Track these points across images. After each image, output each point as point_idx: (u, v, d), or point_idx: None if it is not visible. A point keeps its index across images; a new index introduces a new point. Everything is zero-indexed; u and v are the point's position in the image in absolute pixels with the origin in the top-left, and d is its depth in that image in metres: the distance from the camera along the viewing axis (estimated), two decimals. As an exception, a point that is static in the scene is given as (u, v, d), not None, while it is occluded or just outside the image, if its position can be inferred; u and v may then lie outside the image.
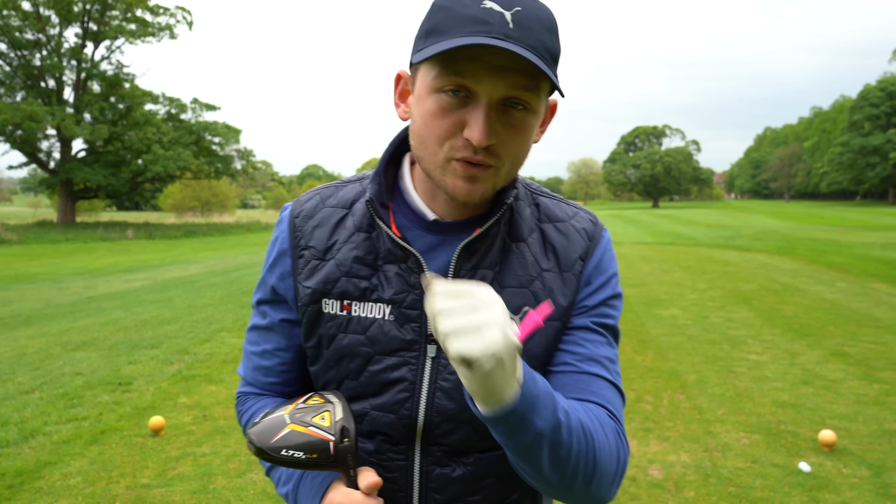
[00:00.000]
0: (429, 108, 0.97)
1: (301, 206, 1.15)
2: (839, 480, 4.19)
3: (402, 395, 1.06)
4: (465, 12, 0.92)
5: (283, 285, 1.14)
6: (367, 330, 1.07)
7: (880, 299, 11.40)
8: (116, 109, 41.39)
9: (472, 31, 0.90)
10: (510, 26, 0.91)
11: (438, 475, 1.09)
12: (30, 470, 4.37)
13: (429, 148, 0.99)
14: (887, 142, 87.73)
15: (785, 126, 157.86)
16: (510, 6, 0.92)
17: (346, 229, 1.10)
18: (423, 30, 0.97)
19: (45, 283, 15.10)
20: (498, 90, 0.93)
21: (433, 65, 0.94)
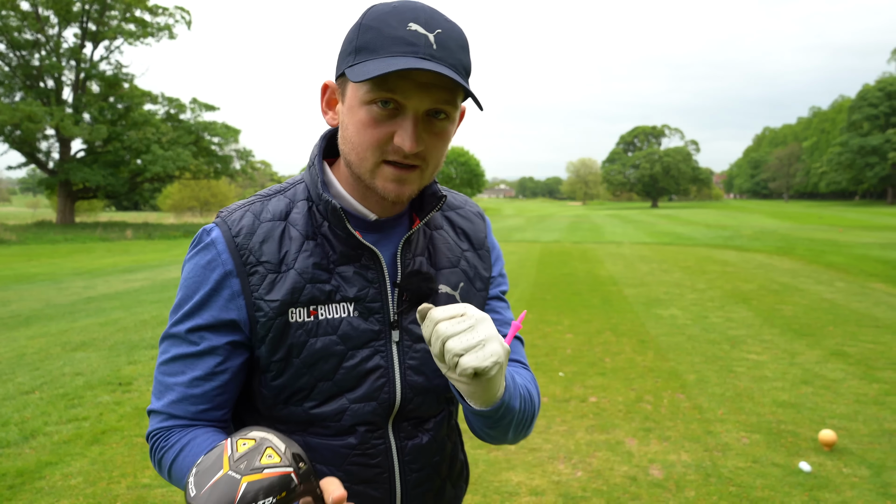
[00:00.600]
0: (362, 119, 1.06)
1: (237, 225, 1.14)
2: (839, 480, 4.20)
3: (379, 381, 1.16)
4: (393, 33, 1.02)
5: (232, 306, 1.13)
6: (337, 329, 1.14)
7: (879, 299, 11.41)
8: (115, 109, 41.35)
9: (402, 52, 1.01)
10: (434, 47, 1.03)
11: (412, 447, 1.21)
12: (31, 470, 4.37)
13: (361, 154, 1.08)
14: (886, 142, 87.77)
15: (784, 126, 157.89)
16: (432, 28, 1.04)
17: (293, 240, 1.14)
18: (353, 46, 1.06)
19: (45, 284, 15.09)
20: (424, 104, 1.05)
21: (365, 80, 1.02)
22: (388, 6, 1.07)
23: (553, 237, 30.33)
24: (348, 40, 1.08)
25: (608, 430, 5.14)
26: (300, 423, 1.17)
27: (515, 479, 4.23)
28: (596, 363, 7.12)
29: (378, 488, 1.19)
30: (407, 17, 1.04)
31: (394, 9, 1.05)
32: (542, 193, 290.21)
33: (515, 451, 4.70)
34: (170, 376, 1.16)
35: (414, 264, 1.20)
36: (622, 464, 4.49)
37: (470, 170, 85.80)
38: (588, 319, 9.61)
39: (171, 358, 1.16)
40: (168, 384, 1.16)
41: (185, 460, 1.10)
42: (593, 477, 4.27)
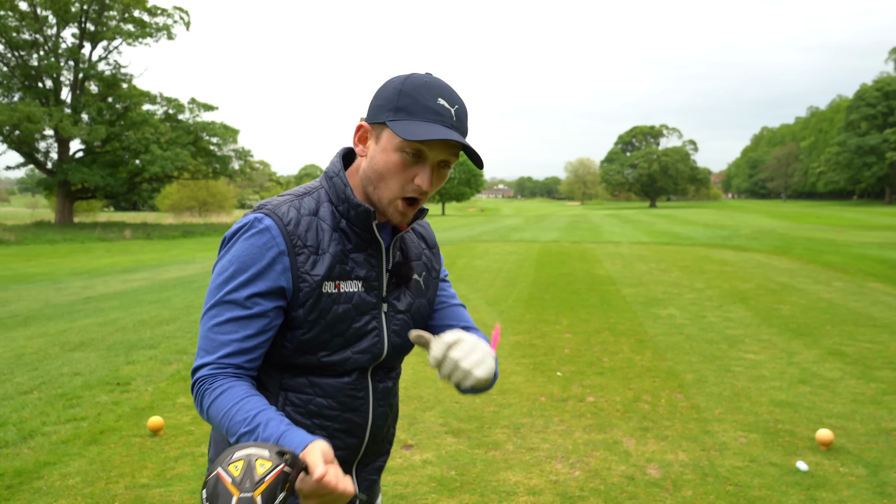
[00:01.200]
0: (395, 161, 1.43)
1: (287, 217, 1.48)
2: (836, 479, 4.21)
3: (375, 339, 1.57)
4: (427, 104, 1.41)
5: (282, 278, 1.45)
6: (351, 300, 1.52)
7: (877, 299, 11.43)
8: (114, 110, 41.34)
9: (433, 120, 1.41)
10: (454, 119, 1.44)
11: (381, 388, 1.64)
12: (29, 470, 4.37)
13: (388, 186, 1.46)
14: (884, 141, 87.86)
15: (782, 126, 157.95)
16: (453, 104, 1.44)
17: (325, 231, 1.50)
18: (394, 105, 1.42)
19: (43, 284, 15.09)
20: (440, 157, 1.45)
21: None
22: (421, 80, 1.44)
23: (551, 237, 30.35)
24: (388, 98, 1.44)
25: (606, 429, 5.15)
26: (309, 368, 1.52)
27: (513, 479, 4.24)
28: (594, 363, 7.13)
29: (360, 415, 1.59)
30: (436, 93, 1.43)
31: (426, 84, 1.43)
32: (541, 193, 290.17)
33: (513, 451, 4.71)
34: (224, 334, 1.44)
35: (396, 257, 1.61)
36: (620, 463, 4.49)
37: (468, 169, 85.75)
38: (586, 319, 9.62)
39: (226, 320, 1.44)
40: (222, 341, 1.44)
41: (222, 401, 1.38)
42: (591, 476, 4.28)
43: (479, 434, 5.04)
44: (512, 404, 5.74)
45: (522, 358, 7.34)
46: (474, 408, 5.64)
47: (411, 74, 1.46)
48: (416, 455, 4.63)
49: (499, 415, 5.47)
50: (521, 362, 7.15)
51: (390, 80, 1.47)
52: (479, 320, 9.49)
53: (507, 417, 5.41)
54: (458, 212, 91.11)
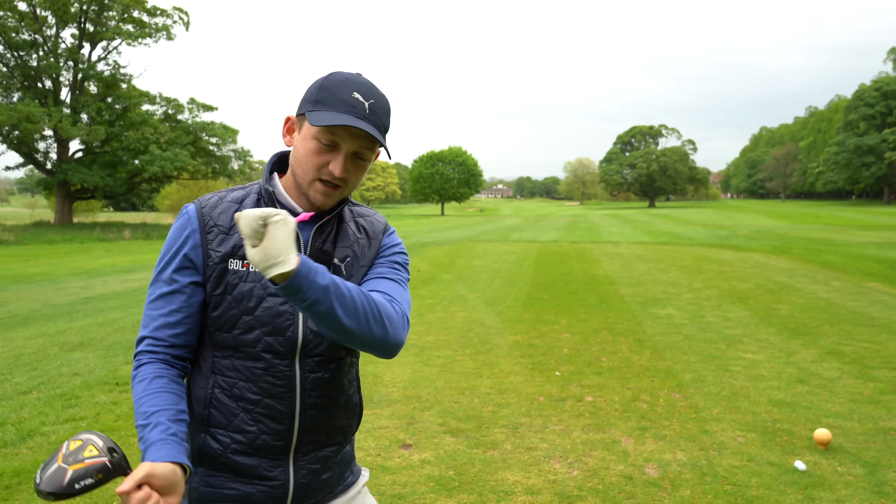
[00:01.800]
0: (311, 147, 1.56)
1: (206, 202, 1.64)
2: (834, 479, 4.22)
3: (287, 321, 1.60)
4: (342, 97, 1.53)
5: (193, 254, 1.59)
6: (260, 279, 1.58)
7: (875, 298, 11.44)
8: (113, 110, 41.30)
9: (346, 111, 1.52)
10: (367, 112, 1.54)
11: (313, 378, 1.64)
12: (27, 470, 4.37)
13: (305, 170, 1.58)
14: (882, 141, 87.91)
15: (781, 126, 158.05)
16: (368, 98, 1.55)
17: None
18: (314, 98, 1.55)
19: (43, 284, 15.09)
20: (352, 147, 1.56)
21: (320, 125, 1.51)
22: (342, 77, 1.56)
23: (550, 237, 30.36)
24: (310, 92, 1.57)
25: (604, 429, 5.16)
26: (229, 348, 1.61)
27: (511, 479, 4.25)
28: (592, 362, 7.14)
29: (283, 403, 1.62)
30: (353, 88, 1.54)
31: (346, 80, 1.55)
32: (540, 193, 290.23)
33: (511, 451, 4.71)
34: (154, 310, 1.60)
35: (322, 244, 1.66)
36: (618, 463, 4.50)
37: (468, 170, 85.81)
38: (585, 319, 9.63)
39: (156, 297, 1.60)
40: (153, 316, 1.60)
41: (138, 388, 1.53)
42: (589, 476, 4.29)
43: (477, 434, 5.04)
44: (510, 404, 5.75)
45: (521, 358, 7.35)
46: (473, 408, 5.65)
47: (337, 72, 1.58)
48: (414, 455, 4.64)
49: (497, 414, 5.48)
50: (520, 362, 7.16)
51: (318, 79, 1.59)
52: (478, 320, 9.50)
53: (505, 417, 5.41)
54: (458, 212, 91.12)
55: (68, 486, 1.27)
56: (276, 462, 1.65)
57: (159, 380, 1.55)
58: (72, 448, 1.32)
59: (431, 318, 9.60)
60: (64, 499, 1.27)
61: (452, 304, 11.03)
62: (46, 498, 1.26)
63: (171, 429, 1.45)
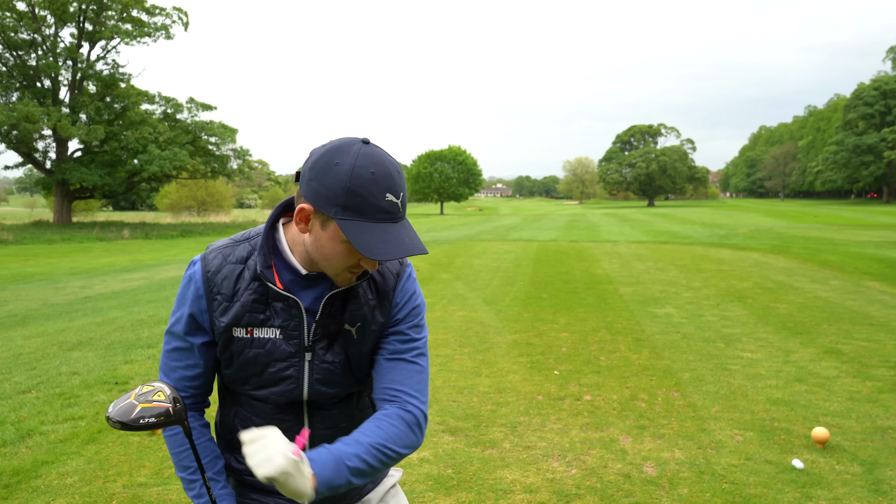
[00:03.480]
0: (341, 250, 1.47)
1: (210, 264, 1.61)
2: (832, 477, 4.23)
3: (290, 386, 1.63)
4: (376, 204, 1.40)
5: (201, 318, 1.61)
6: (265, 346, 1.60)
7: (874, 297, 11.46)
8: (112, 109, 41.28)
9: (383, 220, 1.42)
10: (400, 211, 1.45)
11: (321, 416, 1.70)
12: (27, 469, 4.38)
13: (332, 265, 1.51)
14: (881, 141, 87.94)
15: (780, 125, 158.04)
16: (398, 194, 1.43)
17: (244, 280, 1.59)
18: (342, 202, 1.40)
19: (42, 283, 15.09)
20: None
21: None
22: (367, 174, 1.39)
23: (549, 236, 30.37)
24: (335, 193, 1.40)
25: (602, 428, 5.17)
26: (244, 396, 1.68)
27: (510, 477, 4.25)
28: (591, 361, 7.15)
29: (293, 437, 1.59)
30: (384, 188, 1.40)
31: (373, 180, 1.40)
32: (539, 192, 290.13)
33: (510, 449, 4.72)
34: (173, 361, 1.67)
35: (330, 309, 1.61)
36: (616, 461, 4.51)
37: (467, 169, 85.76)
38: (584, 318, 9.64)
39: (173, 349, 1.66)
40: (172, 367, 1.67)
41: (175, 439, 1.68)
42: (587, 475, 4.30)
43: (476, 432, 5.05)
44: (509, 403, 5.76)
45: (520, 357, 7.36)
46: (471, 406, 5.65)
47: (357, 164, 1.40)
48: (413, 453, 4.64)
49: (496, 413, 5.49)
50: (519, 361, 7.17)
51: (334, 166, 1.40)
52: (477, 319, 9.51)
53: (504, 416, 5.42)
54: (457, 211, 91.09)
55: (134, 420, 1.47)
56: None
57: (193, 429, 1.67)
58: (144, 390, 1.52)
59: (430, 317, 9.61)
60: (129, 429, 1.48)
61: (451, 303, 11.04)
62: (115, 426, 1.48)
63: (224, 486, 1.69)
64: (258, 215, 64.18)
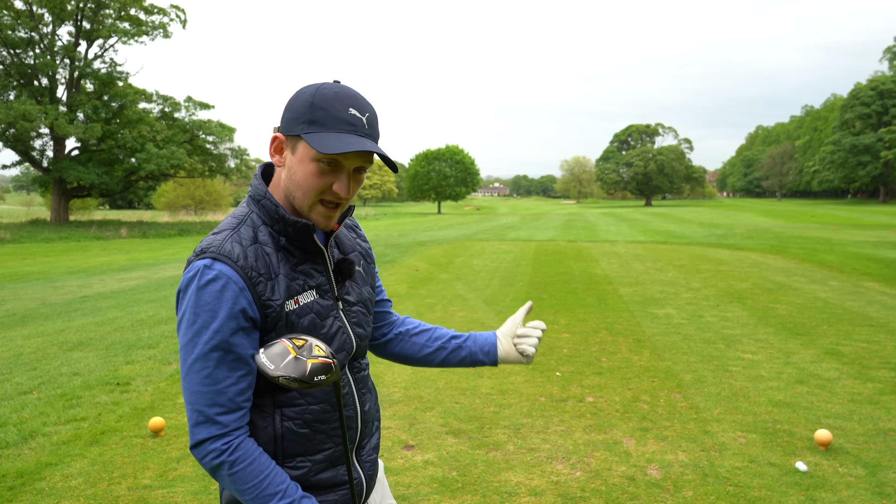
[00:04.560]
0: (312, 170, 1.52)
1: (232, 254, 1.52)
2: (836, 479, 4.24)
3: (343, 336, 1.67)
4: (338, 115, 1.49)
5: (251, 311, 1.52)
6: (312, 309, 1.61)
7: (873, 298, 11.48)
8: (110, 108, 41.16)
9: (346, 130, 1.49)
10: (366, 127, 1.52)
11: (359, 377, 1.76)
12: (30, 471, 4.38)
13: (306, 194, 1.55)
14: (878, 140, 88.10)
15: (777, 124, 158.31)
16: (363, 112, 1.52)
17: (270, 255, 1.57)
18: (306, 118, 1.49)
19: (40, 282, 15.06)
20: (354, 164, 1.54)
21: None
22: (331, 91, 1.51)
23: (547, 236, 30.37)
24: (299, 111, 1.50)
25: (606, 429, 5.17)
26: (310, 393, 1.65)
27: (514, 480, 4.26)
28: (593, 363, 7.16)
29: (350, 409, 1.70)
30: (347, 103, 1.50)
31: (336, 95, 1.50)
32: (536, 192, 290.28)
33: (514, 452, 4.72)
34: (214, 383, 1.49)
35: (335, 256, 1.71)
36: (620, 464, 4.52)
37: (465, 168, 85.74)
38: (584, 319, 9.64)
39: (215, 367, 1.49)
40: (214, 391, 1.50)
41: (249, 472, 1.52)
42: (592, 477, 4.31)
43: (479, 434, 5.05)
44: (512, 404, 5.76)
45: (521, 358, 7.35)
46: (474, 408, 5.66)
47: (321, 85, 1.53)
48: (417, 455, 4.65)
49: (499, 415, 5.49)
50: (520, 362, 7.16)
51: (301, 92, 1.53)
52: (476, 319, 9.51)
53: (507, 418, 5.43)
54: (454, 210, 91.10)
55: (310, 376, 1.42)
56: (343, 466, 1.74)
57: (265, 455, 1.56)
58: (299, 345, 1.46)
59: (431, 318, 9.60)
60: (305, 386, 1.41)
61: (451, 303, 11.04)
62: (291, 384, 1.41)
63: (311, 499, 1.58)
64: (255, 214, 64.04)
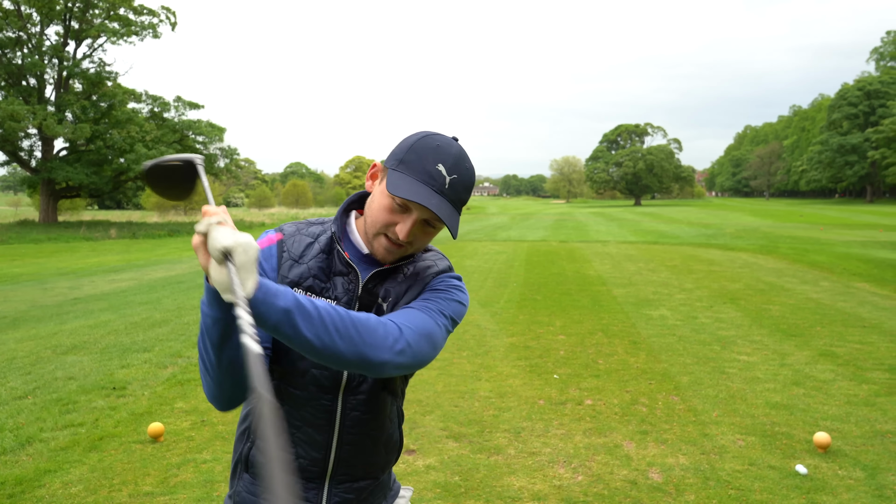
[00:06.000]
0: (385, 204, 1.58)
1: (287, 229, 1.73)
2: (835, 482, 4.26)
3: None
4: (424, 166, 1.54)
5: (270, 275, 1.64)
6: None
7: (864, 299, 11.55)
8: (98, 108, 40.93)
9: (423, 181, 1.54)
10: (446, 187, 1.55)
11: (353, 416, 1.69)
12: (29, 478, 4.34)
13: (374, 222, 1.62)
14: (865, 140, 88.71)
15: (765, 124, 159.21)
16: (452, 172, 1.55)
17: (313, 250, 1.68)
18: (401, 157, 1.57)
19: (29, 284, 14.95)
20: (424, 215, 1.57)
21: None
22: (434, 143, 1.57)
23: (539, 236, 30.42)
24: (401, 149, 1.59)
25: (605, 433, 5.18)
26: (286, 375, 1.65)
27: (517, 484, 4.26)
28: (590, 365, 7.17)
29: (321, 434, 1.68)
30: (439, 158, 1.55)
31: (436, 147, 1.56)
32: (526, 191, 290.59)
33: (515, 456, 4.73)
34: None
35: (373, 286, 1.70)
36: (622, 467, 4.53)
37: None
38: (579, 320, 9.66)
39: None
40: None
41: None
42: (594, 481, 4.31)
43: (479, 438, 5.05)
44: (511, 408, 5.76)
45: (518, 360, 7.36)
46: (474, 412, 5.66)
47: (434, 135, 1.59)
48: (418, 460, 4.64)
49: (499, 418, 5.49)
50: (518, 364, 7.18)
51: (414, 135, 1.60)
52: (472, 321, 9.51)
53: (507, 421, 5.43)
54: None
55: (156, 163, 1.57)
56: (311, 485, 1.72)
57: None
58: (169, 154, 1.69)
59: (426, 320, 9.57)
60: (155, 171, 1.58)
61: (446, 305, 11.01)
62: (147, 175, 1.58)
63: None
64: (245, 214, 63.89)
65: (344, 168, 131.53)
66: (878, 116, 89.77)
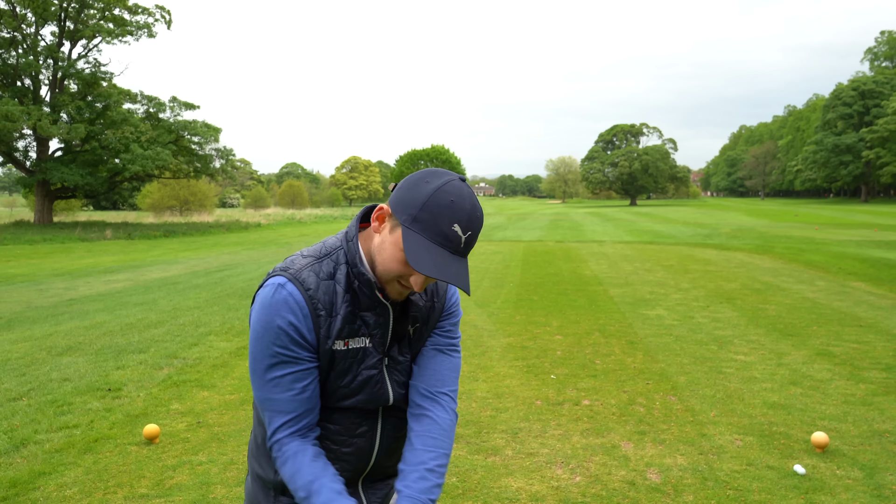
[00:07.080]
0: (397, 257, 1.56)
1: (304, 281, 1.64)
2: (834, 482, 4.25)
3: (378, 389, 1.74)
4: (441, 228, 1.50)
5: (310, 336, 1.63)
6: (357, 354, 1.70)
7: (860, 298, 11.56)
8: (93, 108, 40.80)
9: (441, 244, 1.51)
10: (461, 245, 1.52)
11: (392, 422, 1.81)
12: (24, 481, 4.31)
13: (385, 271, 1.60)
14: (860, 140, 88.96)
15: (760, 124, 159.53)
16: (467, 230, 1.52)
17: (339, 294, 1.66)
18: (415, 213, 1.51)
19: (24, 285, 14.90)
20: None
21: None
22: (447, 199, 1.50)
23: (535, 236, 30.42)
24: (411, 204, 1.52)
25: (603, 433, 5.17)
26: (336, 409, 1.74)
27: (515, 486, 4.24)
28: (587, 365, 7.16)
29: (367, 441, 1.78)
30: (455, 218, 1.50)
31: (451, 205, 1.50)
32: (522, 191, 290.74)
33: (513, 457, 4.71)
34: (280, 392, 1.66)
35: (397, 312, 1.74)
36: (619, 468, 4.51)
37: (450, 168, 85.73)
38: (576, 320, 9.65)
39: (282, 375, 1.64)
40: (280, 400, 1.66)
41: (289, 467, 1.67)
42: (592, 482, 4.30)
43: (477, 439, 5.04)
44: (508, 408, 5.74)
45: (515, 361, 7.35)
46: (471, 412, 5.64)
47: (445, 185, 1.53)
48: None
49: (496, 419, 5.48)
50: (515, 365, 7.16)
51: (423, 182, 1.54)
52: (469, 321, 9.49)
53: (504, 422, 5.41)
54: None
55: None
56: (349, 490, 1.79)
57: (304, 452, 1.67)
58: None
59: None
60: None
61: (442, 305, 10.99)
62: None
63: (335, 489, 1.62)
64: (241, 214, 63.79)
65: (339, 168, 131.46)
66: (873, 116, 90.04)
